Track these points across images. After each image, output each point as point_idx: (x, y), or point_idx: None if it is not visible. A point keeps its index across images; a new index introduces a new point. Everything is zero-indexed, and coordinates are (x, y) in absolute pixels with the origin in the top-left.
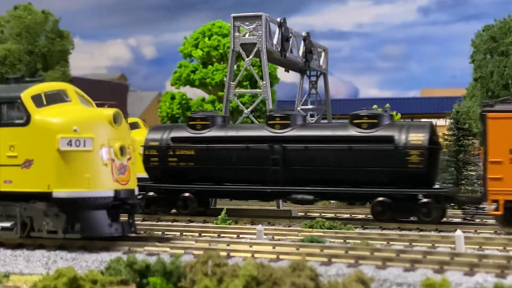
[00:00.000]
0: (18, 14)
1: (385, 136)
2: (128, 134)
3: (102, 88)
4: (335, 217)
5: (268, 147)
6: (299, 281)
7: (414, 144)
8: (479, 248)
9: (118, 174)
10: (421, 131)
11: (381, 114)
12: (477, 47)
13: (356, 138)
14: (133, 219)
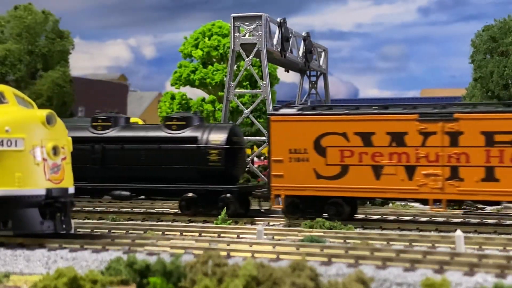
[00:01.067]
0: (19, 14)
1: (190, 136)
2: (63, 134)
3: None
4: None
5: (90, 147)
6: (299, 281)
7: (213, 144)
8: (479, 248)
9: (51, 173)
10: (221, 132)
11: (190, 117)
12: (477, 47)
13: (165, 139)
14: (68, 217)
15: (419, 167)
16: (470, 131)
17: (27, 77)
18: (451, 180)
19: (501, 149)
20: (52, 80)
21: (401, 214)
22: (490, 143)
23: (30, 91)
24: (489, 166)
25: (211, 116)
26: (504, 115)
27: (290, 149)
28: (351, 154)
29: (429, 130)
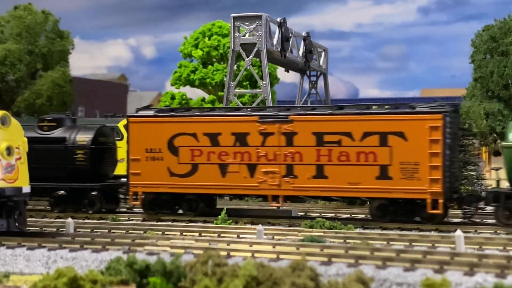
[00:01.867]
0: (18, 14)
1: (59, 137)
2: (18, 135)
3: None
4: (335, 217)
5: None
6: (299, 281)
7: (80, 144)
8: (479, 248)
9: (5, 173)
10: (88, 133)
11: (61, 118)
12: (477, 47)
13: (37, 139)
14: (23, 215)
15: (259, 165)
16: (303, 132)
17: (27, 77)
18: (287, 178)
19: (329, 149)
20: (52, 80)
21: None
22: (320, 143)
23: (30, 91)
24: (319, 164)
25: None
26: (332, 117)
27: (147, 148)
28: (200, 154)
29: (268, 131)
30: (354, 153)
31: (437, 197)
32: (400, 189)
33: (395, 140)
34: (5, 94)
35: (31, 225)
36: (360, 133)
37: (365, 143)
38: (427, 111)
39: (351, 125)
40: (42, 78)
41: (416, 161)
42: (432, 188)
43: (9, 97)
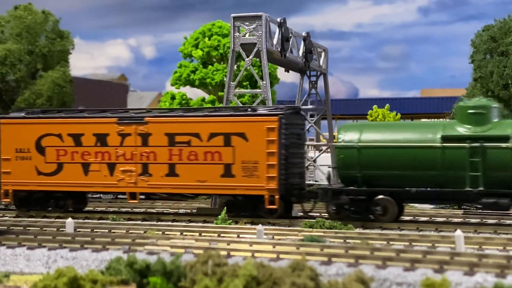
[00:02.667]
0: (18, 14)
1: None
2: None
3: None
4: None
5: None
6: (299, 281)
7: None
8: (479, 248)
9: None
10: None
11: None
12: (477, 47)
13: None
14: None
15: (118, 164)
16: (156, 133)
17: (27, 77)
18: (143, 176)
19: (180, 149)
20: (52, 80)
21: None
22: (172, 143)
23: (30, 91)
24: (172, 163)
25: None
26: (182, 119)
27: (17, 148)
28: (65, 153)
29: (125, 132)
30: (202, 153)
31: (274, 193)
32: (242, 186)
33: (238, 140)
34: (5, 94)
35: (31, 225)
36: (207, 134)
37: (211, 143)
38: (265, 113)
39: (199, 126)
40: (42, 78)
41: (255, 160)
42: (269, 185)
43: (9, 97)
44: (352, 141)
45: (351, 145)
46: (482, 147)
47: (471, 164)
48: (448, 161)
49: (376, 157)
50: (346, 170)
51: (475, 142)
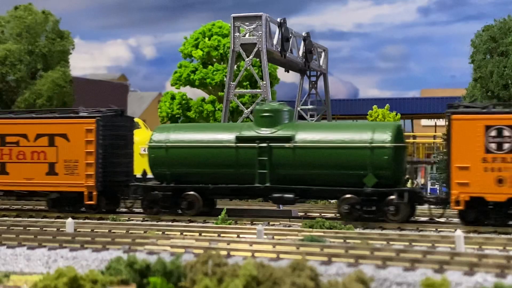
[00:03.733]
0: (19, 15)
1: None
2: None
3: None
4: (335, 217)
5: None
6: (299, 281)
7: None
8: (479, 248)
9: None
10: None
11: None
12: (477, 47)
13: None
14: None
15: None
16: None
17: (27, 77)
18: None
19: (10, 148)
20: (52, 80)
21: None
22: (3, 143)
23: (30, 91)
24: (2, 162)
25: (211, 116)
26: (11, 120)
27: None
28: None
29: None
30: (29, 152)
31: (92, 190)
32: (65, 184)
33: (60, 141)
34: (5, 94)
35: (31, 225)
36: (34, 135)
37: (37, 144)
38: (84, 116)
39: (27, 128)
40: (42, 78)
41: (76, 159)
42: (87, 182)
43: (9, 97)
44: (161, 141)
45: (160, 145)
46: (269, 147)
47: (259, 162)
48: (241, 160)
49: (181, 156)
50: (157, 168)
51: (263, 143)
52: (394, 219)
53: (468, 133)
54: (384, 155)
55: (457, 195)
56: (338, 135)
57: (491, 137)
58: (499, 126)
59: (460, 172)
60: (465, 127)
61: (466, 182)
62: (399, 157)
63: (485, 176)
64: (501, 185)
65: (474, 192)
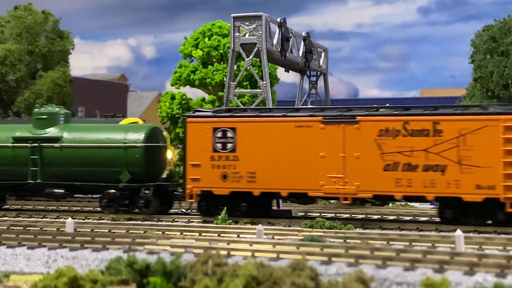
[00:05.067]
0: (18, 14)
1: None
2: None
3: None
4: (335, 217)
5: None
6: (299, 281)
7: None
8: (479, 248)
9: None
10: None
11: None
12: (477, 47)
13: None
14: None
15: None
16: None
17: (27, 77)
18: None
19: None
20: (52, 80)
21: (401, 214)
22: None
23: (30, 91)
24: None
25: None
26: None
27: None
28: None
29: None
30: None
31: None
32: None
33: None
34: (5, 94)
35: (31, 225)
36: None
37: None
38: None
39: None
40: (42, 78)
41: None
42: None
43: (9, 97)
44: None
45: None
46: (40, 146)
47: (32, 160)
48: (18, 158)
49: None
50: None
51: (35, 143)
52: (145, 211)
53: (200, 135)
54: (136, 153)
55: (191, 189)
56: (98, 135)
57: (217, 138)
58: (224, 128)
59: (193, 169)
60: (197, 129)
61: (198, 177)
62: (152, 156)
63: (212, 172)
64: (225, 180)
65: (204, 187)
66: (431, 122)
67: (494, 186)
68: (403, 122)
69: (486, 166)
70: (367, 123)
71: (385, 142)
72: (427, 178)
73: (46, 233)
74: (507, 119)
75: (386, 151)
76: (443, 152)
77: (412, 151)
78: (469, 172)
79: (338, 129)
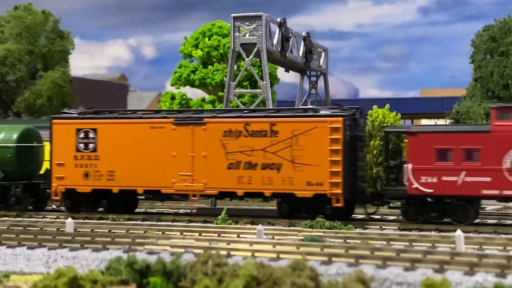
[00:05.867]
0: (18, 14)
1: None
2: None
3: (102, 88)
4: None
5: None
6: (299, 281)
7: None
8: (479, 248)
9: None
10: None
11: None
12: (477, 47)
13: None
14: None
15: None
16: None
17: (27, 77)
18: None
19: None
20: (52, 80)
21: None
22: None
23: (30, 91)
24: None
25: None
26: None
27: None
28: None
29: None
30: None
31: None
32: None
33: None
34: (5, 94)
35: (31, 225)
36: None
37: None
38: None
39: None
40: (42, 78)
41: None
42: None
43: (9, 97)
44: None
45: None
46: None
47: None
48: None
49: None
50: None
51: None
52: (16, 208)
53: (64, 135)
54: (8, 153)
55: (56, 187)
56: None
57: (80, 138)
58: (86, 129)
59: (58, 168)
60: (62, 130)
61: (63, 176)
62: (26, 155)
63: (76, 171)
64: (87, 179)
65: (68, 185)
66: (269, 124)
67: (322, 183)
68: (244, 123)
69: (315, 165)
70: (213, 124)
71: (229, 142)
72: (265, 176)
73: (46, 233)
74: (333, 121)
75: (229, 151)
76: (279, 151)
77: (252, 151)
78: (301, 170)
79: (188, 130)
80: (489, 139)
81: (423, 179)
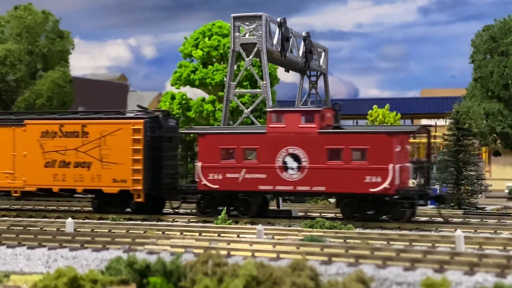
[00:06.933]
0: (19, 14)
1: None
2: None
3: (102, 88)
4: (335, 217)
5: None
6: (299, 281)
7: None
8: (479, 248)
9: None
10: None
11: None
12: (477, 47)
13: None
14: None
15: None
16: None
17: (27, 77)
18: None
19: None
20: (52, 80)
21: None
22: None
23: (30, 91)
24: None
25: (211, 116)
26: None
27: None
28: None
29: None
30: None
31: None
32: None
33: None
34: (5, 94)
35: (31, 225)
36: None
37: None
38: None
39: None
40: (42, 78)
41: None
42: None
43: (9, 97)
44: None
45: None
46: None
47: None
48: None
49: None
50: None
51: None
52: None
53: None
54: None
55: None
56: None
57: None
58: None
59: None
60: None
61: None
62: None
63: None
64: None
65: None
66: (80, 125)
67: (126, 180)
68: (59, 125)
69: (120, 163)
70: (32, 126)
71: (46, 142)
72: (77, 173)
73: (46, 233)
74: (135, 123)
75: (46, 150)
76: (89, 151)
77: (66, 150)
78: (108, 168)
79: (9, 131)
80: (265, 140)
81: (210, 176)
